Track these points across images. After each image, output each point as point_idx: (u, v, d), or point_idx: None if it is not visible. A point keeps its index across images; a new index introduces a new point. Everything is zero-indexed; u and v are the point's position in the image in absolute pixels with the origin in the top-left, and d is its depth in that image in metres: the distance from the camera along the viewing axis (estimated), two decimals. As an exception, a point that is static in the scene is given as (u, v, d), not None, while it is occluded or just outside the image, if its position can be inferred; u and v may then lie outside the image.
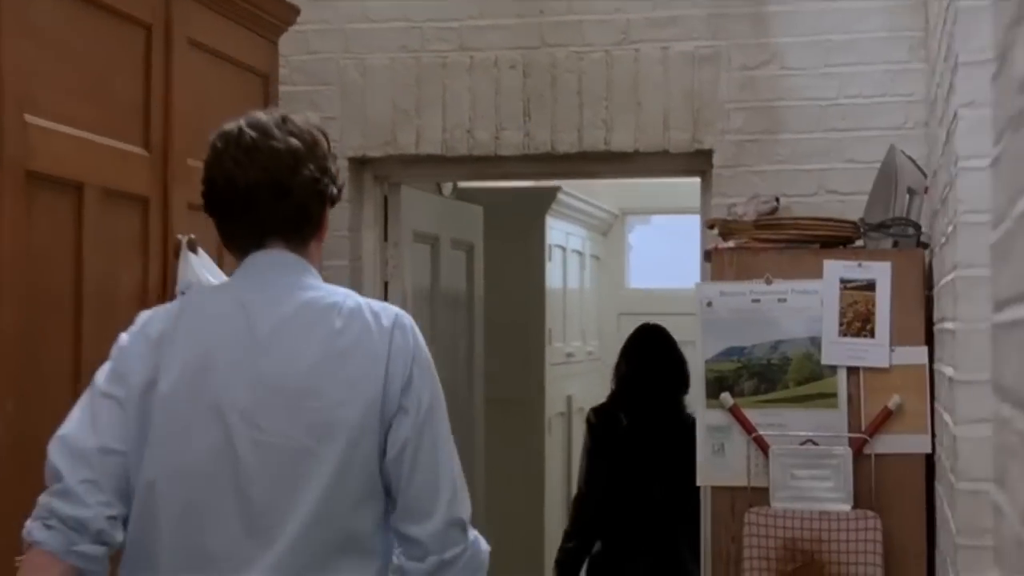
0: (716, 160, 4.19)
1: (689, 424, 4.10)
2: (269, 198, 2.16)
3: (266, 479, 2.06)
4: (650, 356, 4.77)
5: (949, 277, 2.80)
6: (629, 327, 5.05)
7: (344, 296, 2.18)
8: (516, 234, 6.15)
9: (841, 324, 3.64)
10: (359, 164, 4.45)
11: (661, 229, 8.07)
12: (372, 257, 4.44)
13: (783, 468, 3.64)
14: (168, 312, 2.21)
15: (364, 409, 2.09)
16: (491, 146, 4.31)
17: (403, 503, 2.12)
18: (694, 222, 8.21)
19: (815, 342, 3.66)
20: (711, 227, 4.02)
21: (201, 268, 3.38)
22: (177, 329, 2.15)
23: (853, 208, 3.90)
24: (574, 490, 5.04)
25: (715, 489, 3.75)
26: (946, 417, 2.96)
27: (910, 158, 3.71)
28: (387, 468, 2.12)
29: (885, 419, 3.60)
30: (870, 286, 3.64)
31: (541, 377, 6.33)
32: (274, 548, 2.04)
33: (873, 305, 3.63)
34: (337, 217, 4.35)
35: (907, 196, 3.66)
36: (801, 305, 3.67)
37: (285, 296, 2.16)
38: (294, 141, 2.17)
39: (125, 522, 2.10)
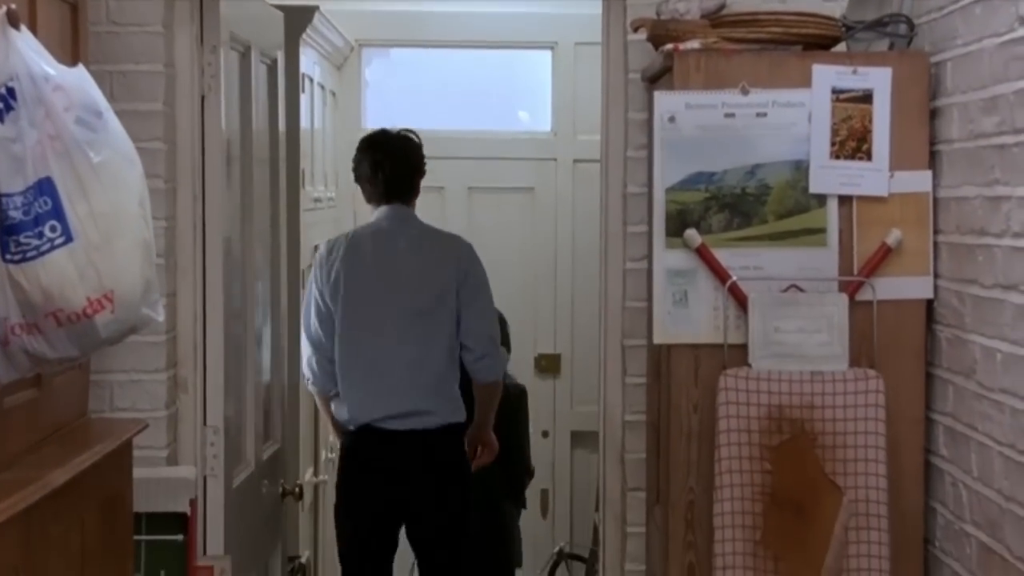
0: (632, -54, 3.40)
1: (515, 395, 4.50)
2: (400, 179, 4.22)
3: (398, 317, 4.14)
4: None
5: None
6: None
7: (435, 227, 4.30)
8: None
9: (833, 144, 2.98)
10: (172, -61, 3.40)
11: (400, 64, 7.26)
12: (187, 64, 3.41)
13: (764, 320, 2.97)
14: (337, 241, 4.25)
15: (447, 279, 4.14)
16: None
17: (463, 327, 4.12)
18: (439, 56, 7.57)
19: (801, 167, 2.99)
20: (636, 29, 3.25)
21: (30, 52, 2.38)
22: (342, 248, 4.16)
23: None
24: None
25: (672, 348, 3.05)
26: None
27: (904, -59, 3.05)
28: (458, 309, 4.14)
29: (884, 258, 2.99)
30: (866, 97, 2.98)
31: (296, 225, 5.41)
32: (406, 353, 4.11)
33: (870, 120, 2.98)
34: (148, 10, 3.36)
35: (903, -12, 3.02)
36: (785, 121, 2.98)
37: (404, 226, 4.21)
38: (411, 146, 4.29)
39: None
